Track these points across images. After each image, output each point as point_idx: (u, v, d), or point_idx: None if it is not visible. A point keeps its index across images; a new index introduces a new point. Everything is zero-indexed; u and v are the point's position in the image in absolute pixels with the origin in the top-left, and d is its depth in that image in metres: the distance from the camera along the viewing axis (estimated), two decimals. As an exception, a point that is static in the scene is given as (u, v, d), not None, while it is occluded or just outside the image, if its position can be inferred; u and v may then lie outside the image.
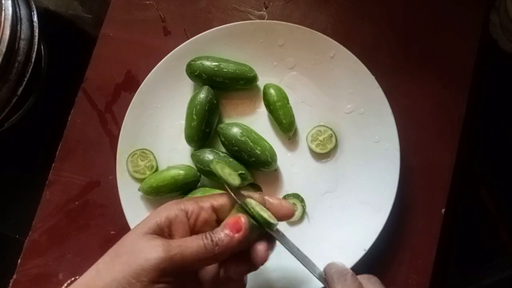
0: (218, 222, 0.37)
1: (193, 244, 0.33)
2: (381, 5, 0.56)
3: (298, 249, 0.38)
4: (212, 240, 0.33)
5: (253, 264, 0.36)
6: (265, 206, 0.38)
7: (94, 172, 0.56)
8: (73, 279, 0.36)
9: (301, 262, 0.38)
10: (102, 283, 0.32)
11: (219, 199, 0.37)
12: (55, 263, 0.55)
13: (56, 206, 0.56)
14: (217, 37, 0.53)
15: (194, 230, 0.36)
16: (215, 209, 0.36)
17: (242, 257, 0.36)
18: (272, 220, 0.36)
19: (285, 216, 0.38)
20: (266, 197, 0.38)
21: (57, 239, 0.55)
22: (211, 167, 0.38)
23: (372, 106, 0.51)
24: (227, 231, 0.34)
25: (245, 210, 0.36)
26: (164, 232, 0.34)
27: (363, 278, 0.36)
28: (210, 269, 0.36)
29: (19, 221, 0.68)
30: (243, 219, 0.34)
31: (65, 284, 0.36)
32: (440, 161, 0.52)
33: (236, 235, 0.33)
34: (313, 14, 0.57)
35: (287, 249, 0.37)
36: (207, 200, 0.37)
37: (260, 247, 0.35)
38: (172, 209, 0.35)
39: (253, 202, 0.36)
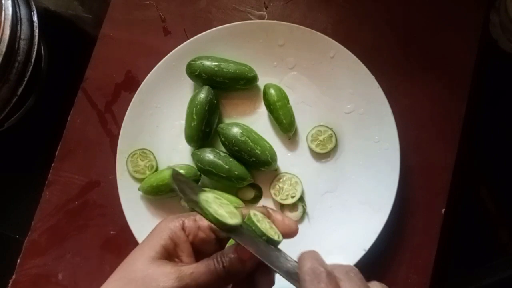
0: (218, 240, 0.36)
1: (205, 271, 0.32)
2: (381, 5, 0.56)
3: (266, 245, 0.33)
4: (224, 266, 0.32)
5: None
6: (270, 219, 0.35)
7: (93, 172, 0.56)
8: None
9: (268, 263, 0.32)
10: None
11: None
12: (54, 263, 0.55)
13: (55, 206, 0.56)
14: (217, 37, 0.53)
15: (195, 247, 0.35)
16: (213, 229, 0.35)
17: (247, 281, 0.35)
18: (277, 237, 0.33)
19: (286, 235, 0.35)
20: (270, 210, 0.36)
21: (56, 239, 0.55)
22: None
23: (372, 106, 0.51)
24: (238, 255, 0.32)
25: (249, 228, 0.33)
26: (171, 255, 0.34)
27: (340, 272, 0.30)
28: None
29: (19, 221, 0.67)
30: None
31: None
32: (440, 161, 0.52)
33: (248, 262, 0.32)
34: (313, 14, 0.57)
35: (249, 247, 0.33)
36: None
37: (265, 277, 0.34)
38: (173, 228, 0.34)
39: (259, 216, 0.34)
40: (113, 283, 0.33)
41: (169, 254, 0.33)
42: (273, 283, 0.34)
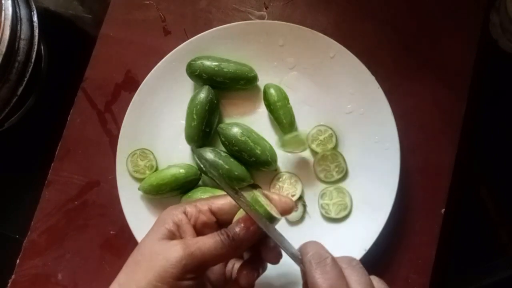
0: (219, 223, 0.37)
1: (210, 240, 0.34)
2: (381, 5, 0.56)
3: (275, 230, 0.35)
4: (228, 235, 0.34)
5: (263, 267, 0.37)
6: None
7: (93, 172, 0.56)
8: None
9: (271, 236, 0.34)
10: None
11: (217, 202, 0.37)
12: (54, 263, 0.55)
13: (55, 206, 0.56)
14: (218, 37, 0.53)
15: (197, 232, 0.36)
16: (213, 212, 0.36)
17: (252, 262, 0.37)
18: (276, 214, 0.36)
19: (284, 211, 0.38)
20: (265, 192, 0.38)
21: (56, 239, 0.55)
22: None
23: (372, 106, 0.51)
24: (242, 225, 0.34)
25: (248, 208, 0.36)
26: (176, 236, 0.35)
27: (343, 262, 0.31)
28: (220, 277, 0.38)
29: (18, 221, 0.67)
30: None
31: None
32: (440, 161, 0.52)
33: (252, 227, 0.34)
34: (313, 15, 0.57)
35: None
36: (205, 203, 0.37)
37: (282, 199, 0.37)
38: (175, 213, 0.36)
39: (259, 194, 0.36)
40: (123, 271, 0.34)
41: (174, 235, 0.35)
42: (280, 255, 0.36)
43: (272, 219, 0.35)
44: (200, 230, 0.36)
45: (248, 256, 0.39)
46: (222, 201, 0.37)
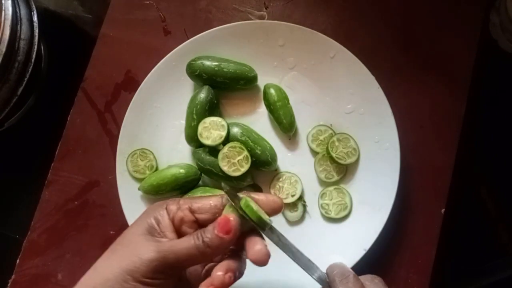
0: (199, 223, 0.37)
1: (184, 245, 0.34)
2: (381, 5, 0.56)
3: (298, 250, 0.36)
4: (203, 241, 0.34)
5: (240, 270, 0.35)
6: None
7: (93, 172, 0.56)
8: None
9: (299, 264, 0.36)
10: (99, 278, 0.34)
11: (200, 201, 0.37)
12: (54, 263, 0.55)
13: (55, 206, 0.56)
14: (218, 37, 0.53)
15: (176, 228, 0.37)
16: (192, 210, 0.36)
17: (230, 262, 0.35)
18: (266, 218, 0.35)
19: (273, 210, 0.36)
20: (252, 195, 0.37)
21: (56, 239, 0.55)
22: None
23: (372, 106, 0.51)
24: (216, 232, 0.34)
25: (238, 211, 0.35)
26: (155, 231, 0.36)
27: (366, 279, 0.35)
28: (196, 273, 0.38)
29: (18, 221, 0.67)
30: (232, 219, 0.34)
31: None
32: (440, 161, 0.52)
33: (226, 237, 0.34)
34: (313, 15, 0.57)
35: (284, 251, 0.36)
36: (189, 201, 0.37)
37: (258, 247, 0.34)
38: (158, 209, 0.37)
39: (250, 200, 0.35)
40: (101, 258, 0.36)
41: (154, 230, 0.36)
42: (268, 255, 0.34)
43: (264, 225, 0.35)
44: (178, 227, 0.36)
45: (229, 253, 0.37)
46: (204, 201, 0.37)
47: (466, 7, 0.55)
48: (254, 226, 0.35)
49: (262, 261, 0.33)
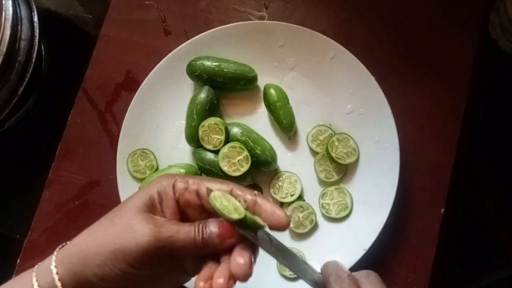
0: (206, 210, 0.36)
1: (183, 238, 0.33)
2: (381, 5, 0.56)
3: (292, 253, 0.34)
4: (203, 238, 0.33)
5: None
6: (254, 210, 0.34)
7: (94, 172, 0.56)
8: (64, 244, 0.36)
9: (292, 270, 0.34)
10: (94, 247, 0.33)
11: (209, 185, 0.35)
12: (55, 263, 0.55)
13: (55, 206, 0.56)
14: (218, 38, 0.54)
15: (180, 208, 0.36)
16: (199, 195, 0.35)
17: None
18: (261, 223, 0.33)
19: (275, 227, 0.34)
20: (259, 200, 0.34)
21: (56, 239, 0.55)
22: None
23: (372, 107, 0.51)
24: (219, 233, 0.33)
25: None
26: (157, 207, 0.35)
27: (362, 276, 0.33)
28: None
29: (19, 220, 0.67)
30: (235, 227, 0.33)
31: (57, 248, 0.36)
32: (439, 161, 0.52)
33: (228, 240, 0.33)
34: (313, 15, 0.57)
35: (275, 257, 0.34)
36: (197, 183, 0.35)
37: (242, 261, 0.32)
38: (164, 184, 0.36)
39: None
40: (99, 221, 0.35)
41: (154, 207, 0.35)
42: (245, 271, 0.32)
43: (259, 228, 0.33)
44: (183, 207, 0.36)
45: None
46: (214, 186, 0.35)
47: (466, 7, 0.55)
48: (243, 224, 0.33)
49: (241, 277, 0.32)
